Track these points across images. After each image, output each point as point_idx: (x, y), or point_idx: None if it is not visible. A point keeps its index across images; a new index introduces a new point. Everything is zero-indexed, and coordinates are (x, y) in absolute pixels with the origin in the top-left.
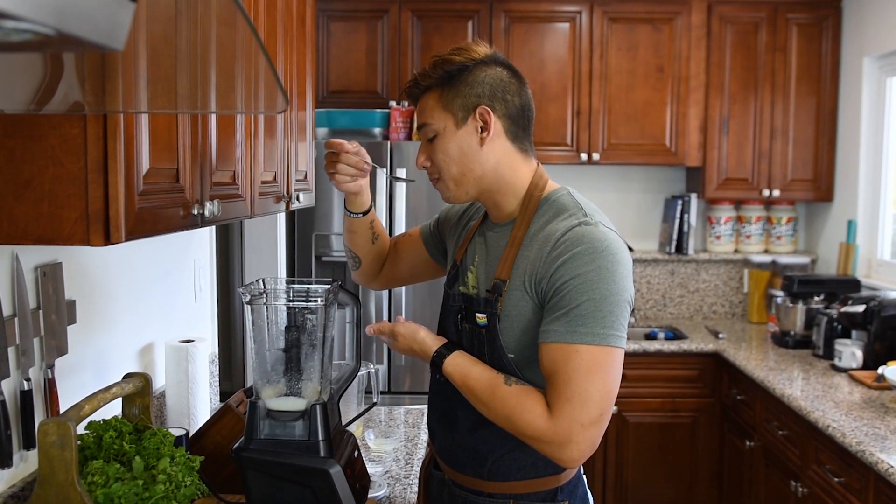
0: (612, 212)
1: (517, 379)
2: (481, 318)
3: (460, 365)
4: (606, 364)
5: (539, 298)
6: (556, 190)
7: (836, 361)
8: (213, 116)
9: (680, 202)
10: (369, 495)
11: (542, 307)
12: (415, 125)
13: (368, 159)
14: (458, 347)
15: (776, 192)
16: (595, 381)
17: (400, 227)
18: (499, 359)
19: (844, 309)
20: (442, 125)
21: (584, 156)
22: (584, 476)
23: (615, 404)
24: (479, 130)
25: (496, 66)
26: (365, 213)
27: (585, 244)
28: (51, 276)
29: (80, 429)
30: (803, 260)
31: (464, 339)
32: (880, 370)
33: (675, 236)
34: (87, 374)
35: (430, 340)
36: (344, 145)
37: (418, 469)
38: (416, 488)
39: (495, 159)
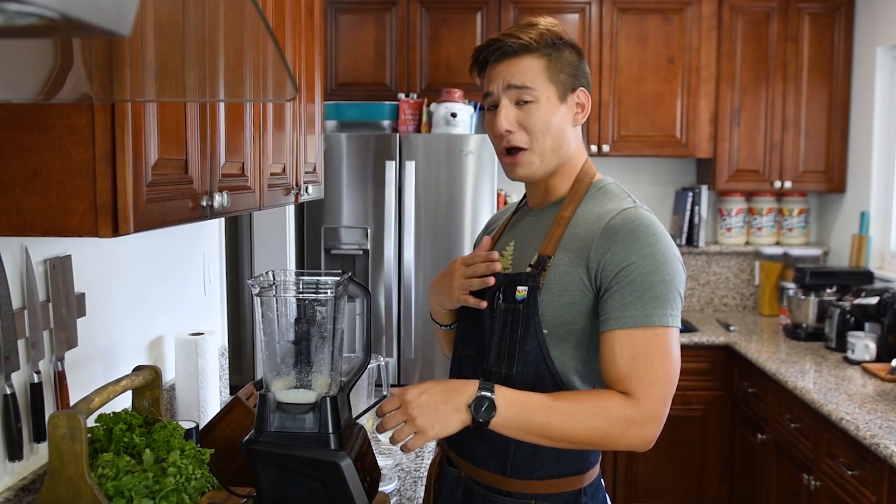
0: None
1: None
2: (521, 291)
3: (513, 397)
4: (675, 343)
5: (589, 274)
6: (606, 178)
7: (849, 354)
8: (222, 107)
9: (690, 194)
10: (379, 488)
11: (591, 284)
12: (430, 111)
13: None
14: (488, 383)
15: (788, 184)
16: (671, 361)
17: (409, 221)
18: (533, 335)
19: (857, 301)
20: (545, 94)
21: (594, 147)
22: (603, 479)
23: None
24: (576, 111)
25: (582, 55)
26: (454, 324)
27: (644, 226)
28: (60, 268)
29: (91, 421)
30: (815, 252)
31: (497, 318)
32: (894, 362)
33: (685, 228)
34: (96, 366)
35: (459, 381)
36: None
37: (429, 462)
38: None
39: (575, 140)
